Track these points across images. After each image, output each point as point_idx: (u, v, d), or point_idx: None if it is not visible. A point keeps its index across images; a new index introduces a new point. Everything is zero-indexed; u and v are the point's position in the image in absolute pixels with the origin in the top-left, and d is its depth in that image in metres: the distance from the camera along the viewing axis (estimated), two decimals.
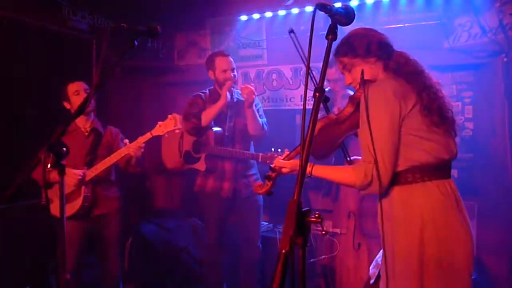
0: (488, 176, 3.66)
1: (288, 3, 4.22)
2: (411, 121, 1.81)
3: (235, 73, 3.47)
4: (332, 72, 3.31)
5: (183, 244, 4.11)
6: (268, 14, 4.46)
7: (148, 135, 3.05)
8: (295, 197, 1.03)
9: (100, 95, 3.46)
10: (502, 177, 3.54)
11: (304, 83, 4.38)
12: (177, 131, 3.08)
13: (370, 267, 2.43)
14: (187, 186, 4.70)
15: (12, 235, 3.38)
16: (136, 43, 1.78)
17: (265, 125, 3.46)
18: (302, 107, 4.40)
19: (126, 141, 3.06)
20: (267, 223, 4.24)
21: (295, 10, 4.32)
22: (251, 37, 4.60)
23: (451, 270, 1.78)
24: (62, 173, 1.37)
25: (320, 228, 1.26)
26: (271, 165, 2.14)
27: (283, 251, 0.97)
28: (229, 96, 3.34)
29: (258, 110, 3.47)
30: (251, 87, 3.32)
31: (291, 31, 2.41)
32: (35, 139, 2.76)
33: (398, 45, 2.02)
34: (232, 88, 3.44)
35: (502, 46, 3.54)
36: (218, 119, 3.42)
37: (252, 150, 3.52)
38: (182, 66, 5.11)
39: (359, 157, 2.25)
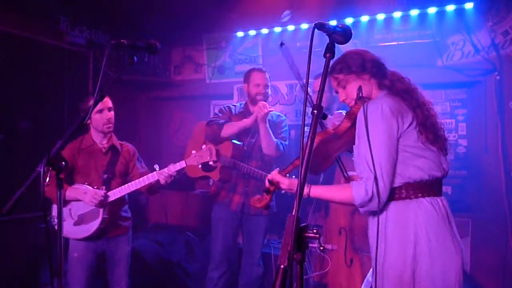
0: (482, 193, 3.68)
1: (284, 20, 4.27)
2: (407, 138, 1.84)
3: (268, 90, 3.48)
4: (318, 84, 3.31)
5: (177, 259, 4.08)
6: (264, 30, 4.52)
7: (182, 164, 2.94)
8: (293, 213, 1.04)
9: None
10: (495, 194, 3.57)
11: (299, 98, 4.44)
12: (211, 163, 3.00)
13: (362, 286, 2.42)
14: (181, 201, 4.70)
15: (6, 248, 3.34)
16: (135, 59, 1.80)
17: (281, 146, 3.40)
18: (297, 123, 4.45)
19: (156, 166, 2.94)
20: None
21: (290, 27, 4.38)
22: (247, 53, 4.65)
23: (442, 285, 1.79)
24: (60, 187, 1.36)
25: (316, 245, 1.25)
26: (268, 178, 2.11)
27: (282, 266, 0.97)
28: (259, 117, 3.28)
29: (282, 132, 3.48)
30: (265, 103, 3.31)
31: (282, 44, 2.44)
32: (31, 152, 2.76)
33: (392, 63, 2.06)
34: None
35: (494, 64, 3.61)
36: (242, 133, 3.41)
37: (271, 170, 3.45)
38: (179, 81, 5.15)
39: (355, 173, 2.27)
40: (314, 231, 1.09)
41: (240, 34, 4.65)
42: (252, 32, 4.59)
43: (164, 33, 4.36)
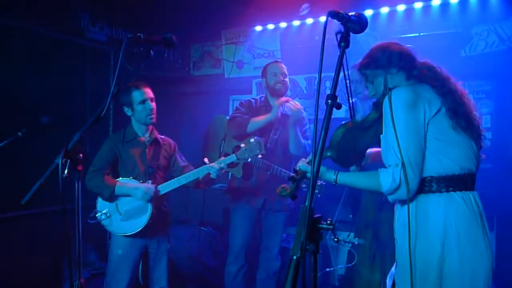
0: (507, 187, 3.58)
1: (303, 13, 4.24)
2: (436, 125, 1.79)
3: (287, 79, 3.46)
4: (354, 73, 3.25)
5: (196, 253, 4.11)
6: (283, 24, 4.50)
7: (232, 157, 2.89)
8: (306, 203, 1.03)
9: (117, 104, 3.48)
10: None
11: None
12: (260, 156, 2.94)
13: (387, 280, 2.39)
14: (201, 196, 4.72)
15: (28, 242, 3.42)
16: (152, 52, 1.81)
17: (307, 147, 3.39)
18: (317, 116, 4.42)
19: (206, 160, 2.91)
20: None
21: (309, 20, 4.34)
22: (266, 47, 4.64)
23: (471, 284, 1.75)
24: (77, 179, 1.39)
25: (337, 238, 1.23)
26: (295, 167, 2.10)
27: (294, 257, 0.96)
28: (280, 111, 3.31)
29: (305, 131, 3.46)
30: (300, 106, 3.32)
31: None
32: (53, 146, 2.81)
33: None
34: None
35: None
36: (264, 129, 3.37)
37: (292, 167, 3.45)
38: (197, 76, 5.17)
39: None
40: (328, 222, 1.08)
41: (258, 28, 4.63)
42: (271, 26, 4.57)
43: (183, 29, 4.38)
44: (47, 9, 3.74)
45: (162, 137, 3.13)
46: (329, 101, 1.25)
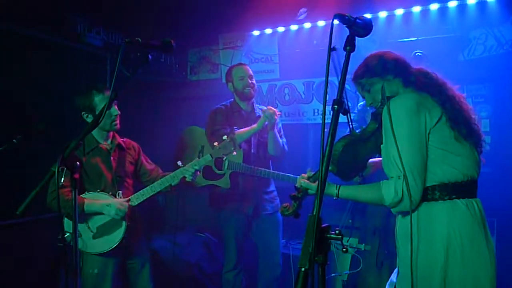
0: (507, 191, 3.57)
1: (301, 17, 4.22)
2: (438, 135, 1.77)
3: (254, 81, 3.43)
4: None
5: (195, 259, 4.07)
6: (281, 29, 4.48)
7: (207, 157, 2.77)
8: (314, 213, 1.00)
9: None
10: None
11: (316, 97, 4.38)
12: (234, 153, 2.83)
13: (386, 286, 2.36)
14: (200, 202, 4.69)
15: (23, 250, 3.36)
16: (150, 57, 1.78)
17: (285, 146, 3.43)
18: (314, 122, 4.40)
19: (180, 163, 2.77)
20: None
21: (307, 25, 4.33)
22: (264, 52, 4.61)
23: None
24: (75, 187, 1.35)
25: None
26: (296, 185, 2.06)
27: (303, 269, 0.93)
28: (265, 123, 3.25)
29: (279, 130, 3.44)
30: (274, 109, 3.29)
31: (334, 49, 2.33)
32: (48, 154, 2.75)
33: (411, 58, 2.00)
34: (255, 103, 3.49)
35: None
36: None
37: (271, 168, 3.45)
38: (195, 81, 5.14)
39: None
40: (337, 231, 1.04)
41: (256, 33, 4.61)
42: (268, 31, 4.55)
43: (180, 34, 4.35)
44: (43, 13, 3.70)
45: (124, 140, 2.92)
46: (336, 106, 1.22)
